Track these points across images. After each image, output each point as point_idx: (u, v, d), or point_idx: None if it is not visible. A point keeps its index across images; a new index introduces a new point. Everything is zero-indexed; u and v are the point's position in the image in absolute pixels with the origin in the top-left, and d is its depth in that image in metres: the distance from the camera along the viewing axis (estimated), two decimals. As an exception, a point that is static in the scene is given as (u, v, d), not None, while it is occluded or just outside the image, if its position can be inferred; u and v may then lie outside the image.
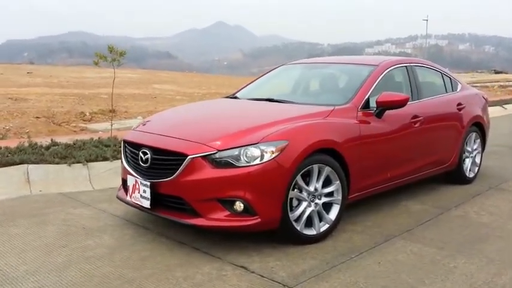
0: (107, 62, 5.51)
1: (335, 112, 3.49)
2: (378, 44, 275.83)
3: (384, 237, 3.35)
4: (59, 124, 7.84)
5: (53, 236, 3.27)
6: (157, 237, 3.28)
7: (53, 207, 3.93)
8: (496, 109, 12.17)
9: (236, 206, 2.92)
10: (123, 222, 3.60)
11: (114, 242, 3.18)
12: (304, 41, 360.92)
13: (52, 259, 2.89)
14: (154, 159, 3.10)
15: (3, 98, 9.88)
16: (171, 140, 3.15)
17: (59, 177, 4.67)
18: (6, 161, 4.70)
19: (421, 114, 4.18)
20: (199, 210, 2.94)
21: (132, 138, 3.41)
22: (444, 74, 5.02)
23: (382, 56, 4.66)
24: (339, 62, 4.72)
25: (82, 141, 5.62)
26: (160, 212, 3.09)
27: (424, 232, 3.48)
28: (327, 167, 3.21)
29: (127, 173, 3.32)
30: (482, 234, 3.44)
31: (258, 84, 4.67)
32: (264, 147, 2.93)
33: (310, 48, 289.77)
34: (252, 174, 2.88)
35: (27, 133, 6.63)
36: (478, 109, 5.10)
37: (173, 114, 4.11)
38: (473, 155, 5.06)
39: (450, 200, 4.31)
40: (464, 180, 4.91)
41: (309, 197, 3.17)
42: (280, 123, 3.18)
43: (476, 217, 3.84)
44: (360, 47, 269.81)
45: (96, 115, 9.03)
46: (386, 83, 4.05)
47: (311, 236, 3.20)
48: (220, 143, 2.96)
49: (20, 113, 8.18)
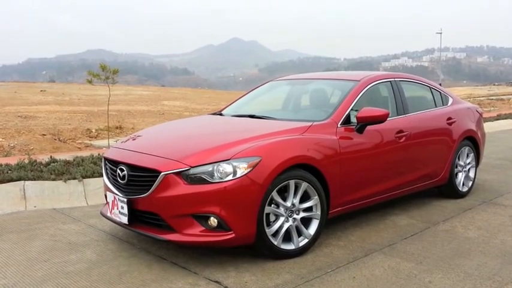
0: (100, 80, 5.67)
1: (313, 128, 3.52)
2: (395, 58, 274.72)
3: (364, 252, 3.34)
4: (64, 141, 8.04)
5: (38, 251, 3.36)
6: (139, 252, 3.34)
7: (44, 222, 4.04)
8: (508, 122, 12.02)
9: (210, 222, 2.97)
10: (109, 237, 3.67)
11: (95, 257, 3.25)
12: (320, 56, 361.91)
13: (32, 273, 2.97)
14: (131, 176, 3.18)
15: (12, 116, 10.19)
16: (146, 157, 3.23)
17: (54, 194, 4.79)
18: (4, 177, 4.85)
19: (407, 129, 4.18)
20: (175, 226, 2.99)
21: (111, 155, 3.51)
22: (433, 88, 5.00)
23: (367, 71, 4.69)
24: (323, 77, 4.76)
25: (81, 158, 5.76)
26: (138, 228, 3.15)
27: (406, 247, 3.45)
28: (304, 183, 3.23)
29: (107, 190, 3.41)
30: (464, 249, 3.40)
31: (245, 100, 4.75)
32: (236, 163, 2.98)
33: (326, 62, 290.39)
34: (224, 190, 2.93)
35: (31, 150, 6.83)
36: (471, 123, 5.06)
37: (154, 131, 4.19)
38: (467, 169, 5.01)
39: (440, 215, 4.27)
40: (457, 195, 4.86)
41: (286, 212, 3.20)
42: (255, 140, 3.22)
43: (463, 231, 3.80)
44: (376, 61, 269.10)
45: (102, 132, 9.23)
46: (369, 98, 4.07)
47: (290, 251, 3.21)
48: (193, 160, 3.01)
49: (27, 130, 8.42)
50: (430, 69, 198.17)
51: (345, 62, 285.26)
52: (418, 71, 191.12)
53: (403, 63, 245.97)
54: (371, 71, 5.18)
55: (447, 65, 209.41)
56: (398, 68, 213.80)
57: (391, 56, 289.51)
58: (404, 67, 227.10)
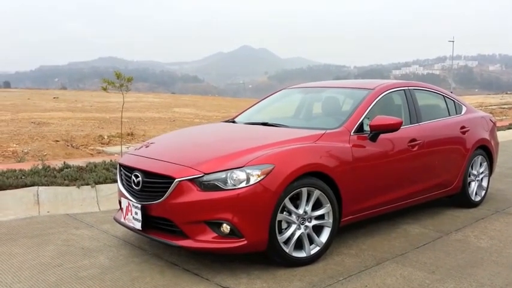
0: (115, 87, 5.74)
1: (326, 136, 3.53)
2: (406, 66, 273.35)
3: (376, 261, 3.33)
4: (77, 147, 8.13)
5: (51, 256, 3.40)
6: (151, 258, 3.36)
7: (57, 227, 4.08)
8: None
9: (223, 228, 2.98)
10: (121, 242, 3.70)
11: (108, 262, 3.28)
12: (330, 64, 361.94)
13: (46, 278, 3.01)
14: (145, 182, 3.21)
15: (26, 122, 10.34)
16: (160, 163, 3.26)
17: (67, 199, 4.84)
18: (18, 183, 4.92)
19: (420, 137, 4.17)
20: (187, 232, 3.01)
21: (126, 162, 3.55)
22: (447, 97, 4.99)
23: (381, 80, 4.70)
24: (337, 86, 4.78)
25: (94, 164, 5.82)
26: (151, 234, 3.18)
27: (418, 256, 3.43)
28: (316, 190, 3.24)
29: (122, 196, 3.44)
30: (477, 259, 3.37)
31: (257, 108, 4.78)
32: (250, 171, 2.99)
33: (335, 70, 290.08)
34: (237, 197, 2.95)
35: (44, 156, 6.91)
36: (484, 132, 5.03)
37: (168, 138, 4.24)
38: (480, 179, 4.97)
39: (452, 224, 4.24)
40: (470, 204, 4.82)
41: (298, 219, 3.20)
42: (269, 147, 3.24)
43: (476, 241, 3.76)
44: (387, 68, 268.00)
45: (114, 138, 9.32)
46: (382, 106, 4.08)
47: (301, 259, 3.21)
48: (206, 167, 3.04)
49: (40, 136, 8.54)
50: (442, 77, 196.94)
51: (355, 70, 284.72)
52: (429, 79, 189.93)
53: (414, 71, 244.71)
54: (381, 79, 5.19)
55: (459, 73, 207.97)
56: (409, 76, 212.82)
57: (402, 63, 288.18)
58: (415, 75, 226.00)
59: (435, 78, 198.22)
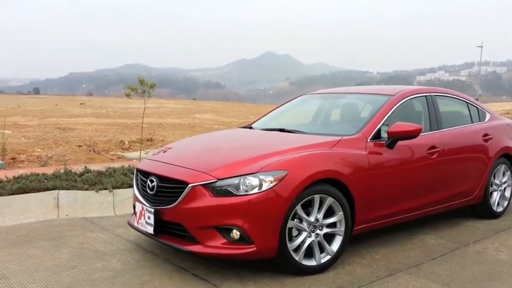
0: (137, 93, 5.84)
1: (342, 142, 3.49)
2: (431, 72, 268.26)
3: (388, 271, 3.26)
4: (98, 152, 8.30)
5: (66, 258, 3.46)
6: (162, 263, 3.39)
7: (74, 230, 4.16)
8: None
9: (233, 234, 2.98)
10: (134, 246, 3.75)
11: (120, 266, 3.32)
12: (353, 69, 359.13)
13: (60, 279, 3.06)
14: (160, 187, 3.25)
15: (52, 128, 10.61)
16: (175, 168, 3.29)
17: (86, 203, 4.94)
18: (40, 186, 5.04)
19: (440, 145, 4.08)
20: (198, 237, 3.02)
21: (142, 167, 3.59)
22: (470, 103, 4.87)
23: (402, 86, 4.61)
24: (357, 92, 4.73)
25: (113, 169, 5.92)
26: (162, 238, 3.21)
27: (433, 267, 3.35)
28: (329, 198, 3.20)
29: (136, 200, 3.49)
30: (495, 272, 3.26)
31: (275, 114, 4.77)
32: (263, 177, 2.99)
33: (358, 76, 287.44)
34: (249, 203, 2.94)
35: (66, 161, 7.08)
36: (509, 140, 4.88)
37: (185, 143, 4.28)
38: (503, 188, 4.82)
39: (471, 235, 4.12)
40: (492, 215, 4.67)
41: (309, 227, 3.17)
42: (283, 153, 3.23)
43: (495, 253, 3.64)
44: (411, 74, 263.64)
45: (134, 144, 9.47)
46: (402, 113, 4.01)
47: (311, 267, 3.17)
48: (220, 172, 3.05)
49: (64, 141, 8.75)
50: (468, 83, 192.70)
51: (378, 75, 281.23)
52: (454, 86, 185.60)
53: (439, 77, 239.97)
54: (405, 85, 5.09)
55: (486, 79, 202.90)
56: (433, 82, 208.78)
57: (427, 69, 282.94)
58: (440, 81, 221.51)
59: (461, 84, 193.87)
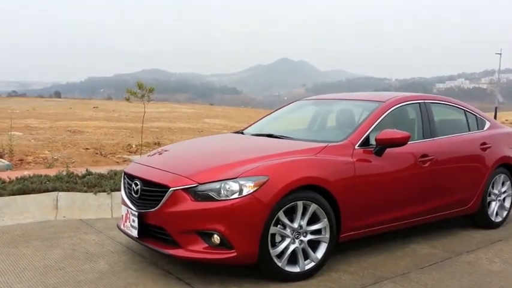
0: (137, 97, 5.93)
1: (327, 149, 3.48)
2: (451, 79, 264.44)
3: (374, 279, 3.23)
4: (105, 155, 8.43)
5: (56, 259, 3.52)
6: (148, 265, 3.42)
7: (68, 232, 4.23)
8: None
9: (214, 239, 2.99)
10: (124, 249, 3.79)
11: (107, 268, 3.36)
12: (370, 76, 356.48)
13: (46, 280, 3.12)
14: (144, 191, 3.29)
15: (62, 130, 10.82)
16: (158, 172, 3.33)
17: (84, 205, 5.01)
18: (41, 187, 5.15)
19: (432, 153, 4.03)
20: (180, 241, 3.04)
21: (129, 170, 3.64)
22: (468, 111, 4.80)
23: (396, 92, 4.57)
24: (349, 98, 4.71)
25: (114, 172, 6.00)
26: (146, 242, 3.24)
27: (420, 276, 3.30)
28: (313, 204, 3.19)
29: (123, 203, 3.54)
30: (484, 283, 3.19)
31: (268, 120, 4.79)
32: (243, 182, 3.00)
33: (376, 83, 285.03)
34: (229, 208, 2.95)
35: (72, 163, 7.21)
36: (508, 149, 4.78)
37: (178, 146, 4.32)
38: (502, 198, 4.72)
39: (465, 245, 4.05)
40: (490, 225, 4.58)
41: (293, 233, 3.16)
42: (266, 159, 3.23)
43: (487, 264, 3.57)
44: (430, 82, 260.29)
45: (141, 147, 9.59)
46: (394, 120, 3.97)
47: (294, 274, 3.16)
48: (201, 177, 3.07)
49: (73, 144, 8.92)
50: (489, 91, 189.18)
51: (396, 82, 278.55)
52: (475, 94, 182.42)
53: (459, 85, 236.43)
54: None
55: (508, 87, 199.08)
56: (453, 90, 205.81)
57: (447, 77, 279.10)
58: (460, 89, 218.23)
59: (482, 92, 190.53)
